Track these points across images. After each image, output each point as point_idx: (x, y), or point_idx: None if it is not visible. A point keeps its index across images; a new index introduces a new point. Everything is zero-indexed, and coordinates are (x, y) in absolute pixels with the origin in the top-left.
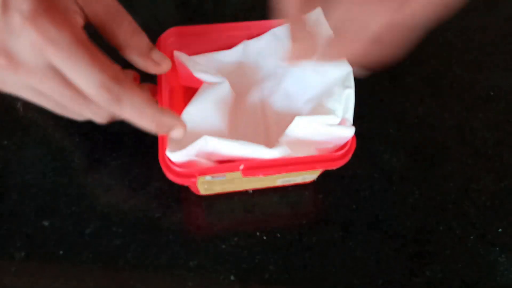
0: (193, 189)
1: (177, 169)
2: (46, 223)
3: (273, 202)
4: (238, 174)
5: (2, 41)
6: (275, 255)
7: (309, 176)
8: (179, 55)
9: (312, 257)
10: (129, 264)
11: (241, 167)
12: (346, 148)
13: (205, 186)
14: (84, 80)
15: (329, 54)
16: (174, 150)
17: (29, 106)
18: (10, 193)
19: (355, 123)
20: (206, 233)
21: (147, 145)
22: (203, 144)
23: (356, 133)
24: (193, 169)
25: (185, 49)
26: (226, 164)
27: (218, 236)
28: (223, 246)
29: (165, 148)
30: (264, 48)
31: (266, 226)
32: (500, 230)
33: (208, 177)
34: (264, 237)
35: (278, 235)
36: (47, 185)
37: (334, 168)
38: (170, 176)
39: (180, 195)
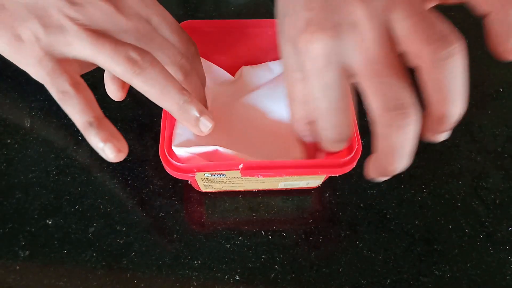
0: (194, 185)
1: (177, 164)
2: (49, 221)
3: (278, 201)
4: (237, 173)
5: None
6: (281, 254)
7: (313, 181)
8: None
9: (319, 256)
10: (133, 263)
11: (241, 166)
12: (352, 154)
13: (205, 182)
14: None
15: None
16: (180, 146)
17: (36, 120)
18: (14, 192)
19: (362, 120)
20: (210, 232)
21: (150, 144)
22: (211, 149)
23: (363, 131)
24: (192, 165)
25: (198, 44)
26: (225, 162)
27: (223, 235)
28: (228, 246)
29: (166, 143)
30: (259, 77)
31: (271, 225)
32: (510, 228)
33: (207, 174)
34: (270, 237)
35: (284, 234)
36: (50, 183)
37: (338, 174)
38: (169, 170)
39: (184, 194)
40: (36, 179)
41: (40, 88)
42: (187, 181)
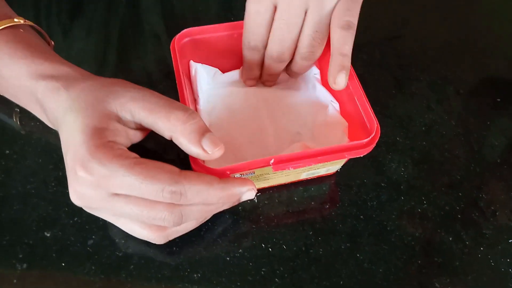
0: None
1: (209, 167)
2: (48, 233)
3: (278, 213)
4: (265, 170)
5: (76, 187)
6: (281, 267)
7: (332, 167)
8: (193, 66)
9: (319, 269)
10: (132, 276)
11: (272, 161)
12: (372, 135)
13: None
14: (148, 194)
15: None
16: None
17: (34, 131)
18: (12, 203)
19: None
20: (210, 245)
21: (148, 154)
22: None
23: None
24: (225, 167)
25: (199, 50)
26: (255, 160)
27: (223, 247)
28: (228, 258)
29: None
30: None
31: (271, 238)
32: (510, 240)
33: (237, 175)
34: (270, 249)
35: (284, 246)
36: (48, 195)
37: (362, 155)
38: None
39: None
40: (35, 190)
41: None
42: None
